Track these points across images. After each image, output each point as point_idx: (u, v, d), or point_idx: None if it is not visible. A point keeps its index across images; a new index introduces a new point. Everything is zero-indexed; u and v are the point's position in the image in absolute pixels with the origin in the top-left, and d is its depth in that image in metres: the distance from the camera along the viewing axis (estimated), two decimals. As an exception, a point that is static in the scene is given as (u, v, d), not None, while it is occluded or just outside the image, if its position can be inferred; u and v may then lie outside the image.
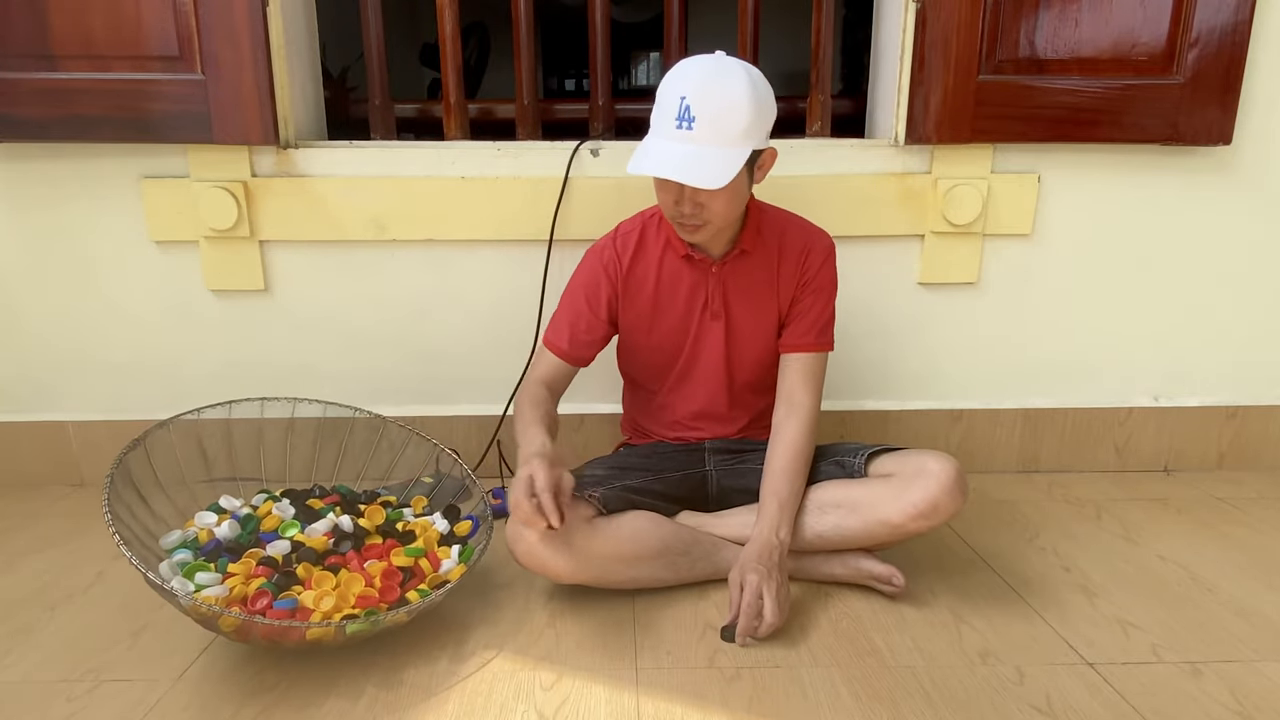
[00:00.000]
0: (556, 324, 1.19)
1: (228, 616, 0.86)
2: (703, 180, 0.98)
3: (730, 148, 1.00)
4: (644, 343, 1.21)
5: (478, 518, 1.15)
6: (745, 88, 0.99)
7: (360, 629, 0.90)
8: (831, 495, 1.11)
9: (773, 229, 1.17)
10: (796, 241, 1.17)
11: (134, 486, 1.05)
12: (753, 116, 1.00)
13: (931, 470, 1.04)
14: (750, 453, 1.22)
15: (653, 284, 1.17)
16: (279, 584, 0.95)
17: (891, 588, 1.10)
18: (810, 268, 1.16)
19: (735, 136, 0.99)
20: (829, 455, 1.18)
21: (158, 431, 1.10)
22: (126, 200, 1.44)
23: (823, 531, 1.10)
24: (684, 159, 0.99)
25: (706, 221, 1.06)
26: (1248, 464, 1.59)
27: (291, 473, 1.29)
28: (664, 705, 0.88)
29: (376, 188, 1.43)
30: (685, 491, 1.21)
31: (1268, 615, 1.07)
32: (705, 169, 0.98)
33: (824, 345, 1.18)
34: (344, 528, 1.08)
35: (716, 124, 0.99)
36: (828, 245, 1.18)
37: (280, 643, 0.92)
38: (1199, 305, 1.54)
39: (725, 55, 1.03)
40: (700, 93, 0.98)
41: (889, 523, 1.05)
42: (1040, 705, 0.88)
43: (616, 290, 1.17)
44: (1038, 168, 1.46)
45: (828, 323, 1.18)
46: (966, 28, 1.36)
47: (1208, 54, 1.37)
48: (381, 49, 1.52)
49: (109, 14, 1.32)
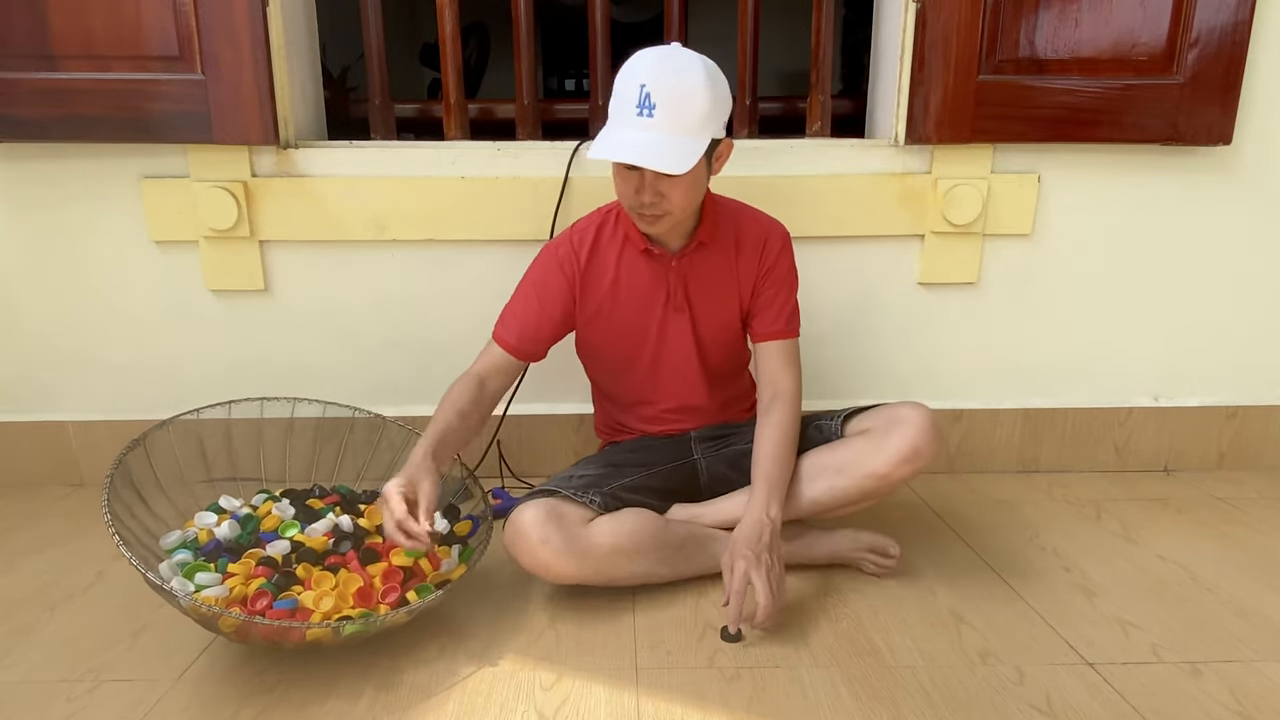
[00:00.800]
0: (505, 319, 1.19)
1: (227, 617, 0.86)
2: (666, 165, 0.99)
3: (690, 135, 1.01)
4: (604, 338, 1.21)
5: (478, 518, 1.15)
6: (702, 76, 1.01)
7: (359, 629, 0.90)
8: (818, 461, 1.14)
9: (728, 220, 1.18)
10: (753, 232, 1.18)
11: (134, 487, 1.05)
12: (710, 104, 1.01)
13: (906, 417, 1.09)
14: (734, 435, 1.25)
15: (610, 279, 1.17)
16: (279, 584, 0.95)
17: (888, 559, 1.14)
18: (769, 257, 1.18)
19: (694, 124, 1.01)
20: (806, 424, 1.21)
21: (157, 432, 1.10)
22: (126, 200, 1.44)
23: (817, 496, 1.12)
24: (646, 145, 0.99)
25: (667, 211, 1.06)
26: (1248, 464, 1.59)
27: (291, 473, 1.29)
28: (664, 705, 0.88)
29: (376, 188, 1.43)
30: (677, 484, 1.22)
31: (1268, 615, 1.07)
32: (668, 154, 0.99)
33: (794, 331, 1.20)
34: (344, 528, 1.08)
35: (676, 111, 0.99)
36: (783, 234, 1.20)
37: (280, 643, 0.92)
38: (1199, 305, 1.54)
39: (681, 46, 1.04)
40: (659, 81, 1.00)
41: (876, 474, 1.08)
42: (1040, 705, 0.88)
43: (572, 287, 1.17)
44: (1038, 168, 1.46)
45: (794, 309, 1.20)
46: (966, 28, 1.36)
47: (1208, 54, 1.37)
48: (381, 49, 1.52)
49: (109, 14, 1.32)
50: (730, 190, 1.42)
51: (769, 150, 1.44)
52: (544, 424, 1.55)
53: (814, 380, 1.55)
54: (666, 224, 1.09)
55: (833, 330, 1.52)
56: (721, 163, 1.10)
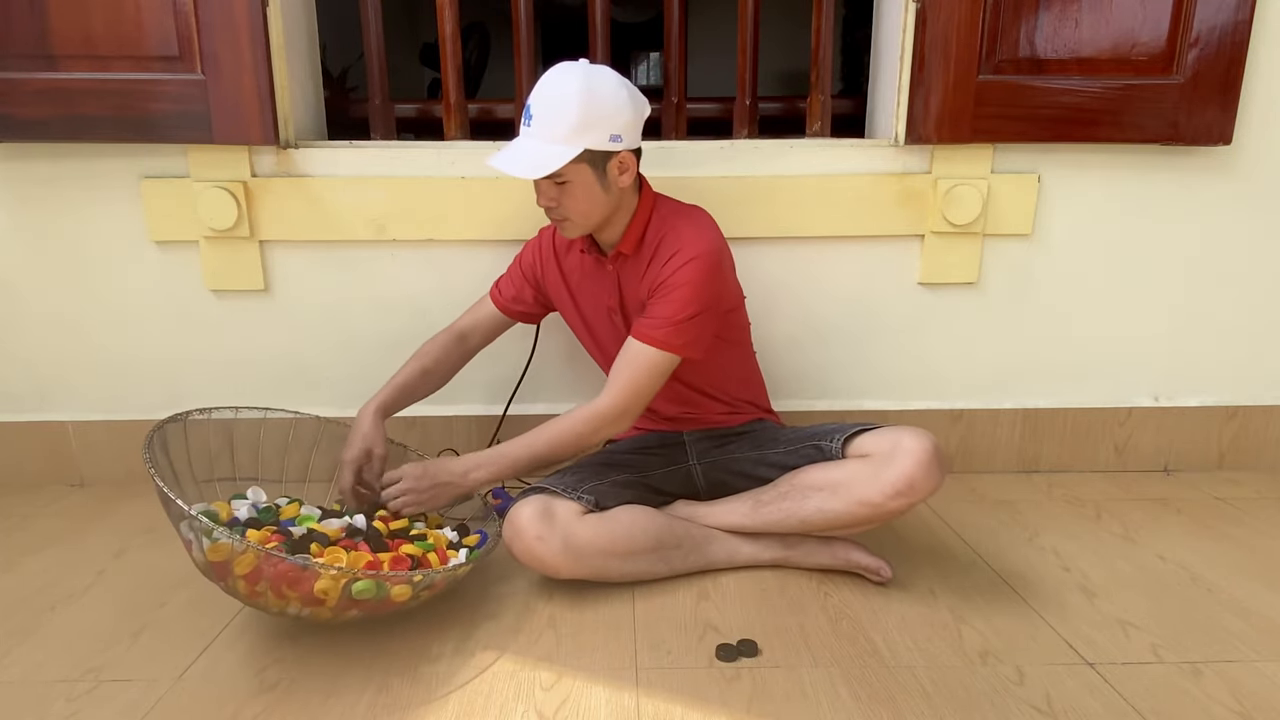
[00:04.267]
0: (500, 280, 1.32)
1: (244, 554, 0.88)
2: (515, 169, 1.05)
3: (556, 144, 1.04)
4: (574, 325, 1.30)
5: (486, 533, 1.16)
6: (576, 88, 1.03)
7: (364, 588, 0.90)
8: (812, 479, 1.12)
9: (657, 231, 1.14)
10: (668, 246, 1.12)
11: (167, 453, 1.06)
12: (579, 115, 1.03)
13: (907, 448, 1.04)
14: (732, 441, 1.25)
15: (578, 274, 1.24)
16: (292, 549, 0.96)
17: (879, 578, 1.13)
18: (666, 270, 1.10)
19: (562, 134, 1.04)
20: (807, 439, 1.17)
21: (170, 425, 1.10)
22: (126, 200, 1.44)
23: (807, 516, 1.11)
24: (514, 151, 1.07)
25: (566, 217, 1.11)
26: (1248, 464, 1.59)
27: (291, 474, 1.29)
28: (664, 705, 0.88)
29: (376, 188, 1.43)
30: (674, 487, 1.23)
31: (1268, 615, 1.07)
32: (523, 160, 1.05)
33: (657, 339, 1.09)
34: (357, 525, 1.09)
35: (546, 121, 1.05)
36: (696, 252, 1.09)
37: (287, 595, 0.90)
38: (1199, 305, 1.54)
39: (586, 62, 1.08)
40: (537, 93, 1.06)
41: (869, 502, 1.05)
42: (1040, 705, 0.88)
43: (545, 270, 1.27)
44: (1038, 168, 1.46)
45: (674, 325, 1.09)
46: (966, 28, 1.36)
47: (1208, 54, 1.37)
48: (381, 49, 1.52)
49: (109, 14, 1.32)
50: (730, 190, 1.43)
51: (769, 150, 1.44)
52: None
53: (814, 380, 1.55)
54: (572, 229, 1.14)
55: (832, 330, 1.52)
56: (625, 173, 1.09)
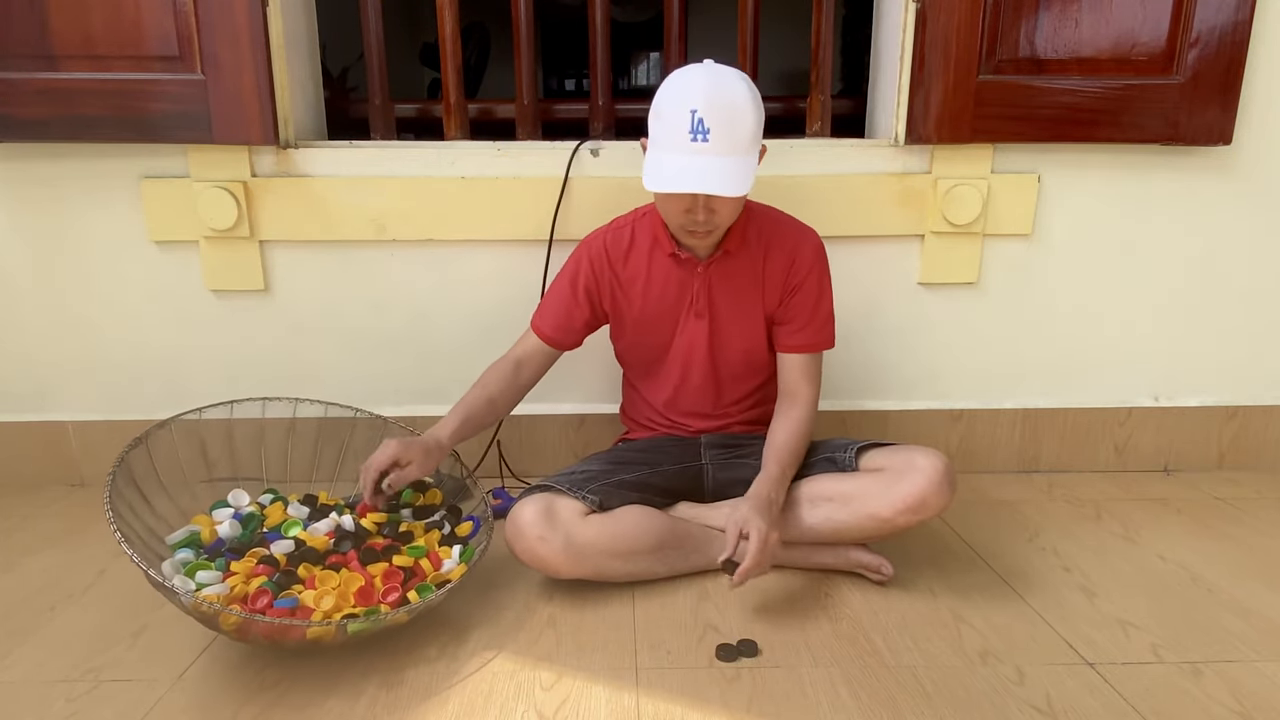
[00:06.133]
0: (542, 308, 1.25)
1: (228, 615, 0.86)
2: (731, 189, 1.01)
3: (744, 154, 1.03)
4: (633, 338, 1.25)
5: (479, 518, 1.15)
6: (747, 94, 1.03)
7: (360, 628, 0.90)
8: (823, 489, 1.13)
9: (759, 229, 1.18)
10: (783, 242, 1.18)
11: (135, 485, 1.05)
12: (757, 121, 1.03)
13: (920, 466, 1.06)
14: (746, 447, 1.24)
15: (643, 279, 1.20)
16: (280, 583, 0.95)
17: (880, 576, 1.13)
18: (799, 271, 1.17)
19: (746, 143, 1.03)
20: (820, 450, 1.19)
21: (159, 431, 1.10)
22: (126, 200, 1.44)
23: (814, 524, 1.12)
24: (705, 171, 1.01)
25: (717, 226, 1.09)
26: (1248, 464, 1.59)
27: (293, 473, 1.29)
28: (664, 705, 0.88)
29: (376, 188, 1.43)
30: (681, 485, 1.22)
31: (1268, 615, 1.07)
32: (730, 178, 1.01)
33: (821, 344, 1.20)
34: (345, 527, 1.08)
35: (730, 133, 1.01)
36: (815, 245, 1.19)
37: (281, 641, 0.92)
38: (1199, 305, 1.54)
39: (715, 64, 1.05)
40: (711, 104, 1.00)
41: (878, 516, 1.07)
42: (1040, 705, 0.88)
43: (603, 282, 1.21)
44: (1038, 168, 1.46)
45: (825, 320, 1.20)
46: (966, 28, 1.36)
47: (1208, 54, 1.37)
48: (381, 49, 1.52)
49: (109, 14, 1.32)
50: (730, 190, 1.42)
51: (769, 150, 1.43)
52: (544, 424, 1.55)
53: (814, 380, 1.55)
54: (714, 239, 1.13)
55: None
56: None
